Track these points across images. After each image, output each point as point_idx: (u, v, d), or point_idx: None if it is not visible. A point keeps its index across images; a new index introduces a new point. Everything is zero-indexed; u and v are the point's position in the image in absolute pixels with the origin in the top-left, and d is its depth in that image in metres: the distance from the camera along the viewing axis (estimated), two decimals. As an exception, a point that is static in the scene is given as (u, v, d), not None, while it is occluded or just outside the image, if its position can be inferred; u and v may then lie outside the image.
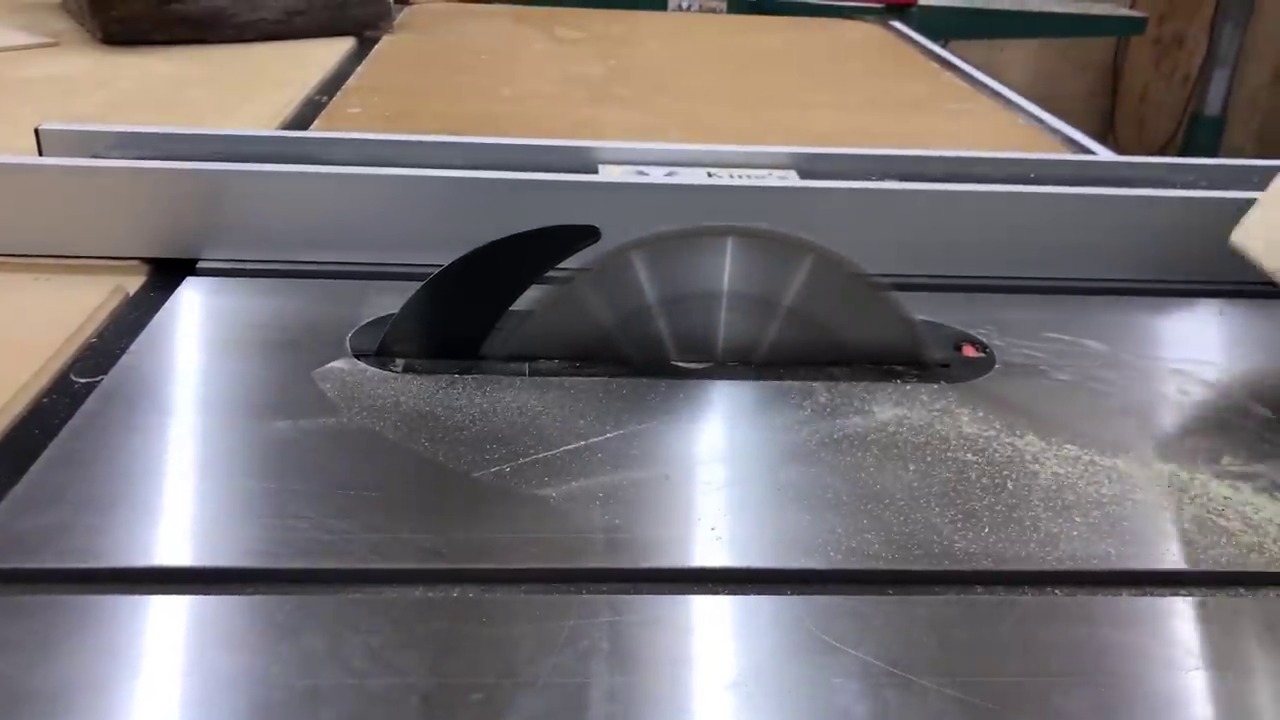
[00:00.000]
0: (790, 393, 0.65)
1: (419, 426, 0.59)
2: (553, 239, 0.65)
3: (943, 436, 0.61)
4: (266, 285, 0.76)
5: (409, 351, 0.66)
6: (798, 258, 0.67)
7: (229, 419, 0.59)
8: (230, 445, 0.57)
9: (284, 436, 0.58)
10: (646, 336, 0.68)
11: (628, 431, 0.60)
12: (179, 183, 0.76)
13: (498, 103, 1.25)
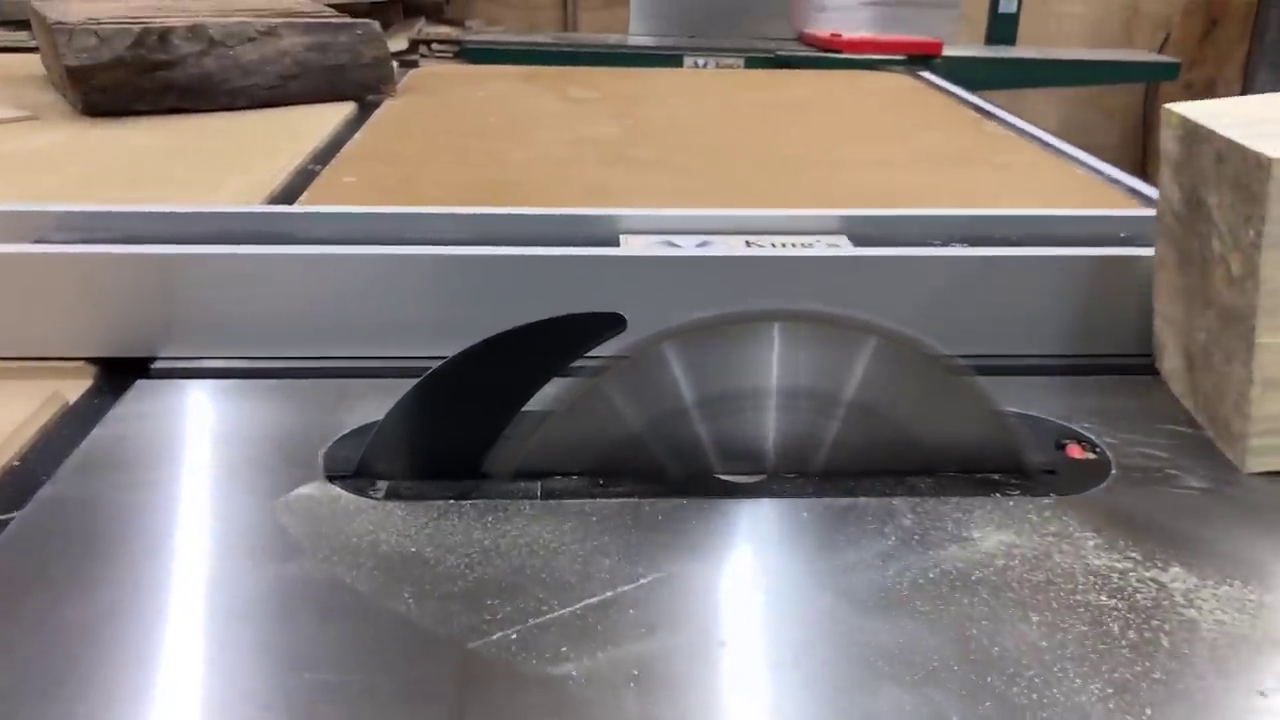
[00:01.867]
0: (866, 514, 0.52)
1: (401, 575, 0.47)
2: (569, 329, 0.53)
3: (1066, 572, 0.48)
4: (229, 389, 0.64)
5: (393, 471, 0.54)
6: (859, 342, 0.55)
7: (159, 573, 0.47)
8: (156, 612, 0.44)
9: (227, 597, 0.45)
10: (684, 444, 0.56)
11: (666, 574, 0.47)
12: (130, 269, 0.65)
13: (507, 168, 1.14)
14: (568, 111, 1.45)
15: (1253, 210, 0.53)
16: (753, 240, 0.73)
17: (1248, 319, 0.55)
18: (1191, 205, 0.60)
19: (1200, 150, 0.59)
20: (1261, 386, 0.55)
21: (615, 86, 1.62)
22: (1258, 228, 0.53)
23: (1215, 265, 0.58)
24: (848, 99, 1.63)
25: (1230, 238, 0.56)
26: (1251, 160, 0.53)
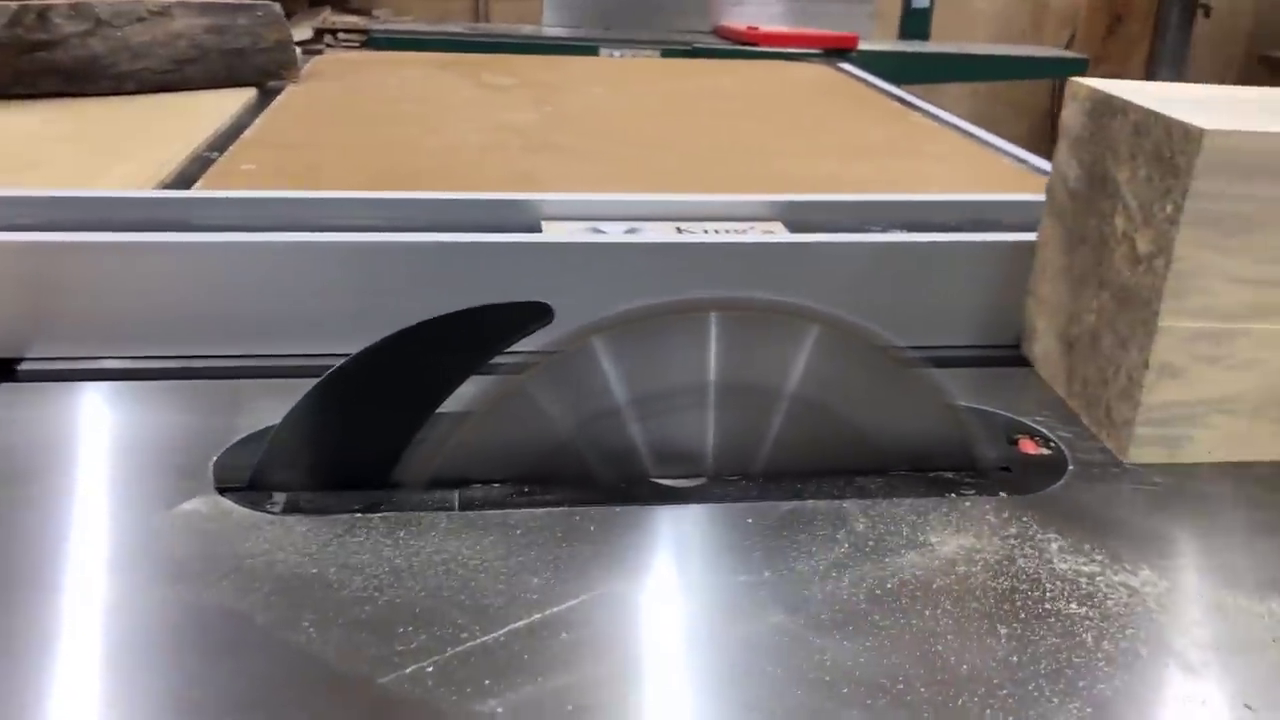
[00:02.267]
0: (815, 518, 0.48)
1: (301, 600, 0.41)
2: (488, 322, 0.48)
3: (1032, 577, 0.44)
4: (108, 392, 0.57)
5: (292, 482, 0.49)
6: (801, 332, 0.51)
7: (18, 605, 0.40)
8: (17, 652, 0.38)
9: (100, 631, 0.39)
10: (616, 447, 0.51)
11: (600, 592, 0.42)
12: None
13: (420, 155, 1.08)
14: (484, 98, 1.39)
15: (1173, 184, 0.51)
16: (684, 227, 0.69)
17: (1151, 301, 0.52)
18: (1093, 181, 0.58)
19: (1112, 123, 0.56)
20: (1156, 373, 0.52)
21: (532, 74, 1.57)
22: (1177, 202, 0.50)
23: (1117, 244, 0.55)
24: (771, 88, 1.60)
25: (1140, 214, 0.53)
26: (1178, 132, 0.50)
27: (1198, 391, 0.53)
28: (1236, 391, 0.53)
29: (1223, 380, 0.53)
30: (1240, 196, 0.50)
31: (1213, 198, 0.50)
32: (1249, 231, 0.51)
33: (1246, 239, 0.51)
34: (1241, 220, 0.50)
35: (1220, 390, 0.53)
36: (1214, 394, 0.53)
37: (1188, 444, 0.54)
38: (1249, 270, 0.51)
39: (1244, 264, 0.51)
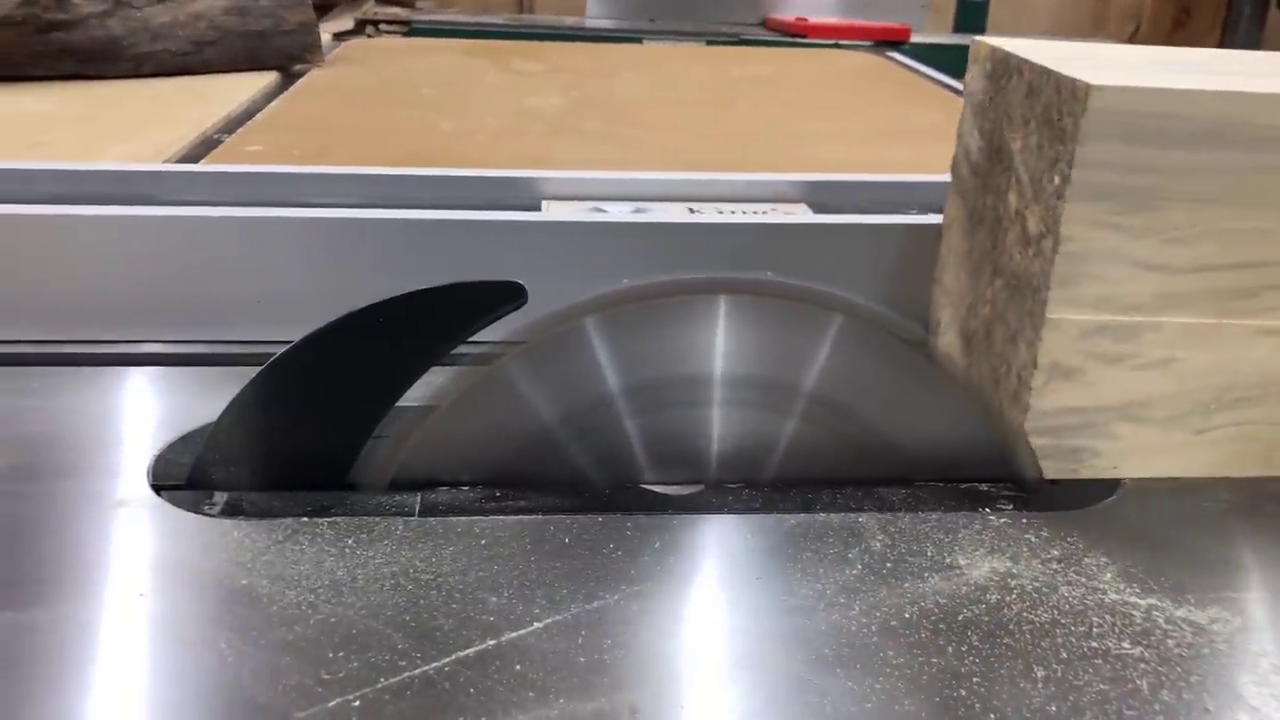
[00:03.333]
0: (827, 534, 0.42)
1: (222, 616, 0.36)
2: (455, 303, 0.43)
3: (1076, 610, 0.38)
4: (56, 378, 0.52)
5: (235, 481, 0.43)
6: (821, 321, 0.45)
7: (-100, 614, 0.35)
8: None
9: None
10: (604, 445, 0.45)
11: (567, 616, 0.37)
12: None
13: (434, 139, 1.03)
14: (510, 84, 1.34)
15: (1060, 151, 0.43)
16: (697, 207, 0.62)
17: (1040, 289, 0.44)
18: (991, 154, 0.49)
19: (1009, 85, 0.48)
20: (1046, 373, 0.44)
21: (564, 60, 1.51)
22: (1064, 173, 0.42)
23: (1010, 224, 0.47)
24: (812, 77, 1.53)
25: (1031, 188, 0.45)
26: (1066, 89, 0.42)
27: (1098, 396, 0.45)
28: (1145, 396, 0.45)
29: (1128, 383, 0.45)
30: (1140, 166, 0.42)
31: (1105, 167, 0.42)
32: (1153, 208, 0.43)
33: (1151, 217, 0.43)
34: (1144, 195, 0.42)
35: (1125, 395, 0.45)
36: (1117, 399, 0.45)
37: (1088, 458, 0.46)
38: (1156, 254, 0.43)
39: (1150, 247, 0.43)
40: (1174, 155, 0.42)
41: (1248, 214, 0.43)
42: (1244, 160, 0.42)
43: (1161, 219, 0.43)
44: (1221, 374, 0.46)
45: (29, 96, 1.13)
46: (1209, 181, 0.43)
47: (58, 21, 1.18)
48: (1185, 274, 0.44)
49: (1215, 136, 0.42)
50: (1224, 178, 0.43)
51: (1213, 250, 0.44)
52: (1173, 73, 0.45)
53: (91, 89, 1.19)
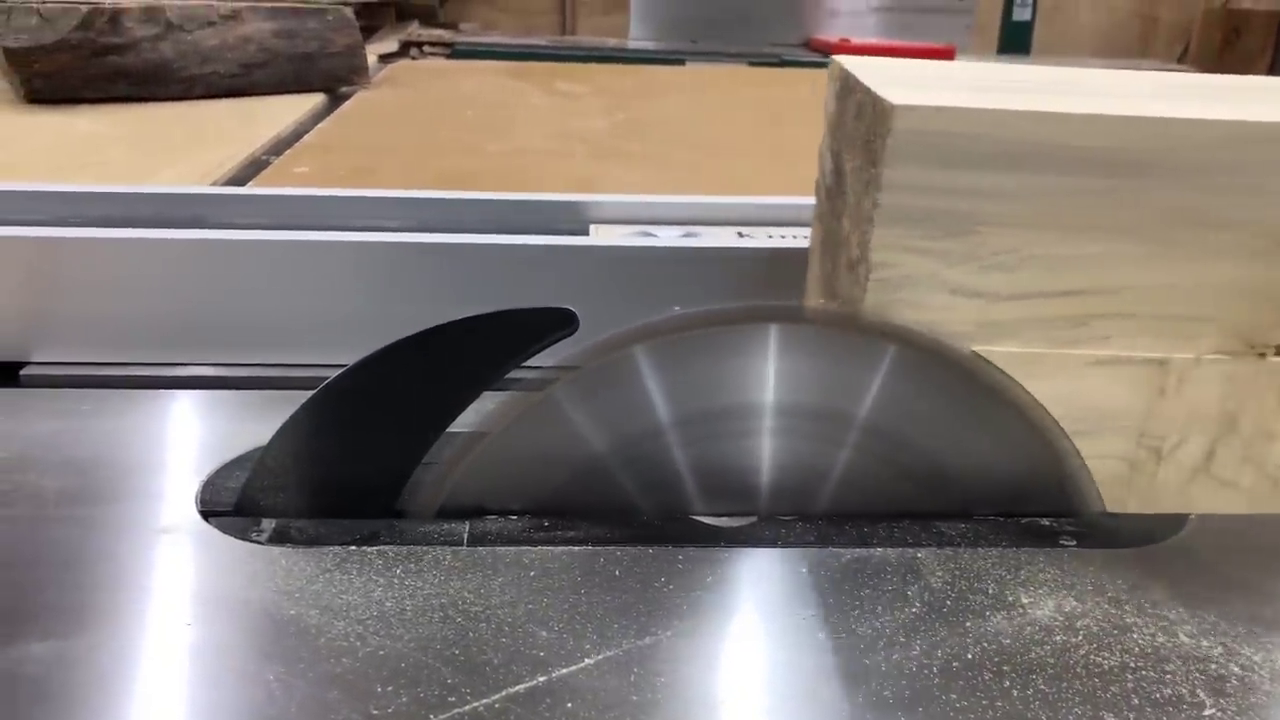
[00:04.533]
0: (884, 570, 0.41)
1: (271, 647, 0.35)
2: (506, 330, 0.42)
3: (1146, 653, 0.36)
4: (107, 401, 0.53)
5: (284, 508, 0.43)
6: (875, 349, 0.44)
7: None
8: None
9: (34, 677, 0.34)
10: (655, 475, 0.45)
11: (620, 652, 0.36)
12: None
13: (479, 160, 1.03)
14: (554, 105, 1.35)
15: (872, 174, 0.41)
16: (747, 232, 0.62)
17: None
18: (838, 175, 0.48)
19: (848, 105, 0.46)
20: None
21: (608, 82, 1.52)
22: (874, 196, 0.41)
23: (843, 248, 0.46)
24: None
25: (855, 211, 0.44)
26: (881, 110, 0.41)
27: None
28: None
29: None
30: (953, 189, 0.40)
31: (915, 190, 0.40)
32: (970, 233, 0.41)
33: (968, 242, 0.41)
34: (959, 219, 0.41)
35: None
36: None
37: None
38: (976, 281, 0.42)
39: (968, 273, 0.41)
40: (987, 178, 0.40)
41: (1071, 239, 0.41)
42: (1062, 183, 0.40)
43: (979, 244, 0.41)
44: (1055, 406, 0.44)
45: (83, 118, 1.15)
46: (1026, 205, 0.41)
47: (112, 45, 1.21)
48: (1009, 301, 0.42)
49: (1029, 159, 0.40)
50: (1042, 202, 0.41)
51: (1037, 277, 0.42)
52: (1000, 93, 0.43)
53: (143, 111, 1.20)
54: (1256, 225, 0.42)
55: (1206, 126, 0.40)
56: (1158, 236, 0.41)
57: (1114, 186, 0.41)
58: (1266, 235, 0.42)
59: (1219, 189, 0.41)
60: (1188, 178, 0.41)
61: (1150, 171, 0.40)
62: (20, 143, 1.04)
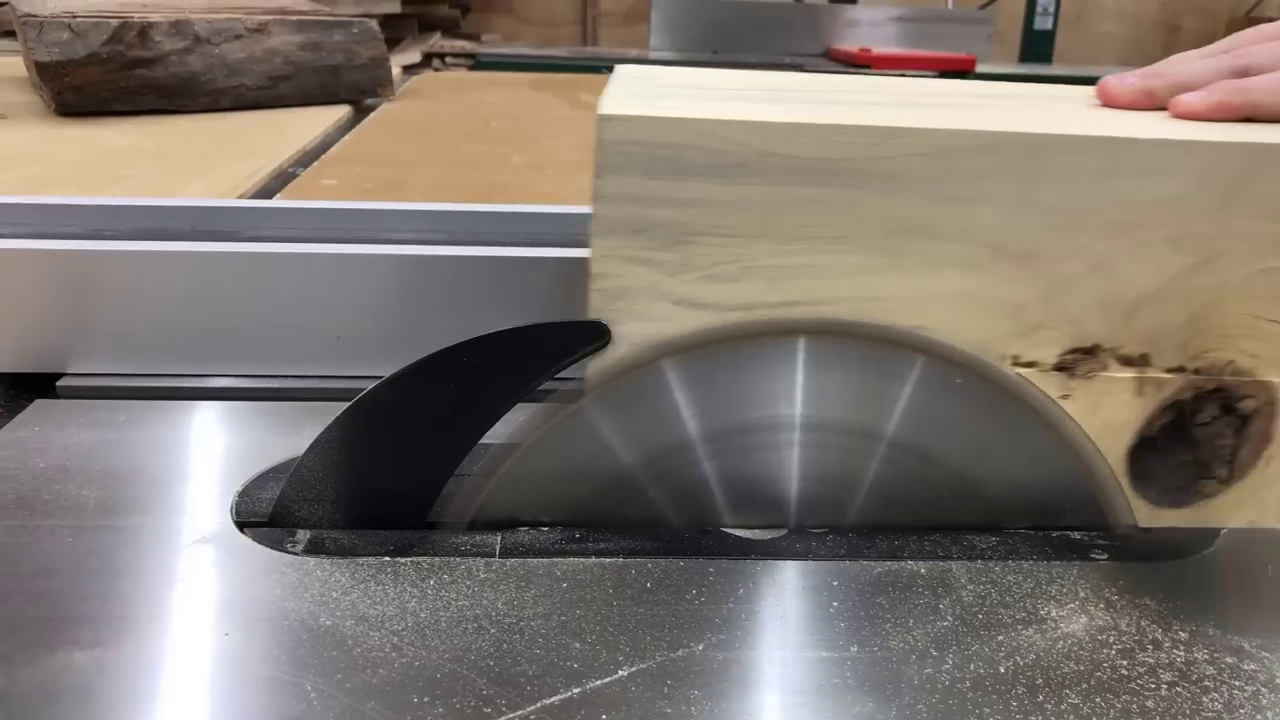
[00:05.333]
0: (915, 583, 0.41)
1: (307, 657, 0.36)
2: (541, 342, 0.42)
3: (1180, 668, 0.36)
4: (142, 412, 0.53)
5: (318, 519, 0.43)
6: (904, 362, 0.44)
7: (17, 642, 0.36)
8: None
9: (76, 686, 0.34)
10: (685, 488, 0.45)
11: (653, 664, 0.36)
12: (38, 267, 0.55)
13: (505, 172, 1.04)
14: (578, 117, 1.35)
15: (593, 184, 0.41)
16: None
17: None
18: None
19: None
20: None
21: (630, 93, 1.52)
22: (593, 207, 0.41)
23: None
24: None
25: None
26: (597, 119, 0.40)
27: None
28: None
29: None
30: (667, 199, 0.40)
31: (629, 200, 0.40)
32: (688, 243, 0.40)
33: (687, 252, 0.41)
34: (676, 229, 0.40)
35: None
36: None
37: None
38: (698, 291, 0.41)
39: (689, 284, 0.41)
40: (700, 188, 0.40)
41: (791, 250, 0.41)
42: (777, 193, 0.40)
43: (698, 255, 0.41)
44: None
45: (112, 130, 1.16)
46: (743, 216, 0.40)
47: (141, 59, 1.22)
48: (735, 312, 0.42)
49: (741, 169, 0.40)
50: (758, 212, 0.40)
51: (760, 288, 0.41)
52: (735, 103, 0.43)
53: (171, 123, 1.22)
54: (976, 235, 0.41)
55: (918, 135, 0.40)
56: (879, 247, 0.41)
57: (830, 196, 0.40)
58: (986, 245, 0.41)
59: (935, 198, 0.41)
60: (904, 187, 0.40)
61: (866, 181, 0.40)
62: (53, 156, 1.05)
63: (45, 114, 1.24)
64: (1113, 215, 0.41)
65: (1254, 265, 0.42)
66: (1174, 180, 0.41)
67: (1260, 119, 0.45)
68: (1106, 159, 0.40)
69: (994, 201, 0.41)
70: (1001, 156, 0.40)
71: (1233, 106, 0.45)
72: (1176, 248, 0.42)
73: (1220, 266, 0.42)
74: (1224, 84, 0.47)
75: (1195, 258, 0.42)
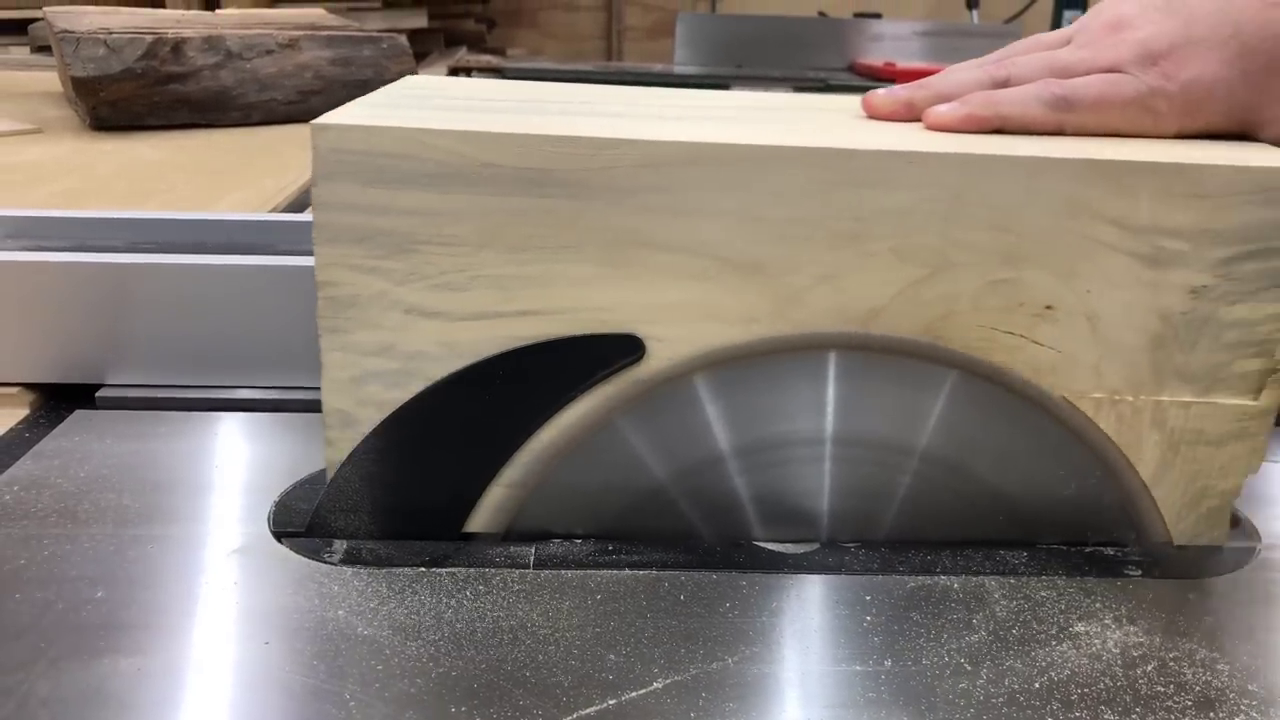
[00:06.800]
0: (948, 598, 0.41)
1: (346, 667, 0.36)
2: (573, 354, 0.43)
3: (1221, 693, 0.36)
4: (180, 423, 0.54)
5: (354, 529, 0.44)
6: (936, 377, 0.44)
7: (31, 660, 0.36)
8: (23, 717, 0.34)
9: (119, 693, 0.35)
10: (717, 502, 0.45)
11: (686, 677, 0.36)
12: (76, 280, 0.56)
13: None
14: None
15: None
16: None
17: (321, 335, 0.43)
18: None
19: None
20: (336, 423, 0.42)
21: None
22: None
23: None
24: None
25: None
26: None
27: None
28: None
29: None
30: (388, 208, 0.40)
31: (349, 209, 0.40)
32: (413, 252, 0.40)
33: (413, 261, 0.40)
34: (400, 238, 0.40)
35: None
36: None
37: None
38: (428, 300, 0.41)
39: (418, 292, 0.41)
40: (422, 197, 0.40)
41: (517, 260, 0.41)
42: (499, 203, 0.40)
43: (425, 264, 0.41)
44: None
45: (145, 145, 1.18)
46: (466, 225, 0.40)
47: (174, 74, 1.24)
48: (467, 321, 0.41)
49: (461, 178, 0.40)
50: (481, 221, 0.40)
51: (490, 297, 0.41)
52: (469, 113, 0.43)
53: (203, 137, 1.23)
54: (701, 247, 0.41)
55: (632, 147, 0.40)
56: (605, 257, 0.41)
57: (553, 207, 0.40)
58: (713, 257, 0.41)
59: (655, 210, 0.40)
60: (624, 198, 0.40)
61: (587, 192, 0.40)
62: (89, 170, 1.06)
63: (80, 128, 1.26)
64: (837, 227, 0.41)
65: (984, 277, 0.42)
66: (897, 192, 0.41)
67: (1009, 131, 0.45)
68: (826, 171, 0.40)
69: (715, 213, 0.41)
70: (717, 169, 0.40)
71: (980, 119, 0.45)
72: (904, 259, 0.41)
73: (951, 278, 0.42)
74: (975, 95, 0.46)
75: (925, 269, 0.42)
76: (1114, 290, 0.42)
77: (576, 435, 0.43)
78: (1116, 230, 0.41)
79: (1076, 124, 0.45)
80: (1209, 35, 0.45)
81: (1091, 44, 0.48)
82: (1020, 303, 0.42)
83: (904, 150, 0.41)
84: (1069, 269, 0.42)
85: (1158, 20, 0.46)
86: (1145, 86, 0.45)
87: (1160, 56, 0.45)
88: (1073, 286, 0.42)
